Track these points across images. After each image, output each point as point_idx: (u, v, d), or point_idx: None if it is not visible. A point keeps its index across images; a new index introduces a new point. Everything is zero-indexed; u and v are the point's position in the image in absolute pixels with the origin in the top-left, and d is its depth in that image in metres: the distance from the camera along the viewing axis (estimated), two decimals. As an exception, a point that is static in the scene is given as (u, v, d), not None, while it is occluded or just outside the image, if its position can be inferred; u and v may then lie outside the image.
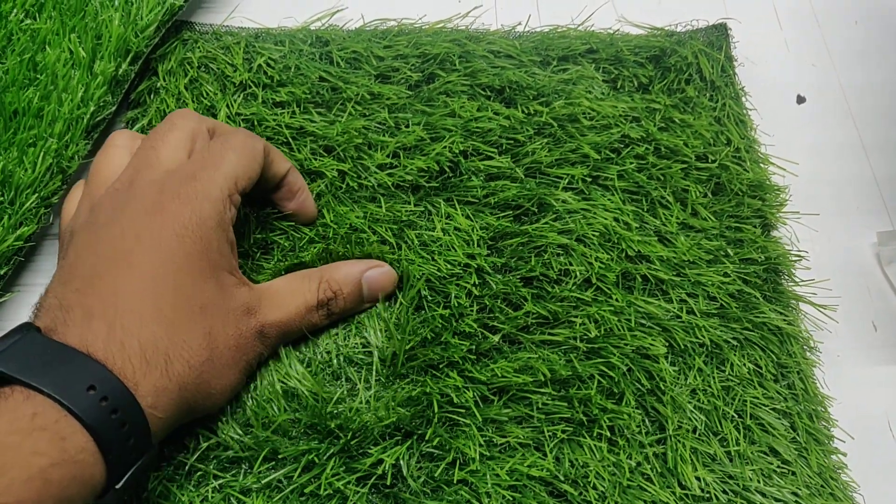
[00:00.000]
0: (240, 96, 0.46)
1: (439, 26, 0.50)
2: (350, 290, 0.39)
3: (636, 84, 0.49)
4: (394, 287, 0.40)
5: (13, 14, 0.44)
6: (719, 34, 0.52)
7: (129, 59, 0.45)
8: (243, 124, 0.45)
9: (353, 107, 0.46)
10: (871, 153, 0.51)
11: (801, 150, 0.50)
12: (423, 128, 0.45)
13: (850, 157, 0.51)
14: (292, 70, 0.47)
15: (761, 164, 0.48)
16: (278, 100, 0.45)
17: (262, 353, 0.36)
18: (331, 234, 0.41)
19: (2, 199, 0.40)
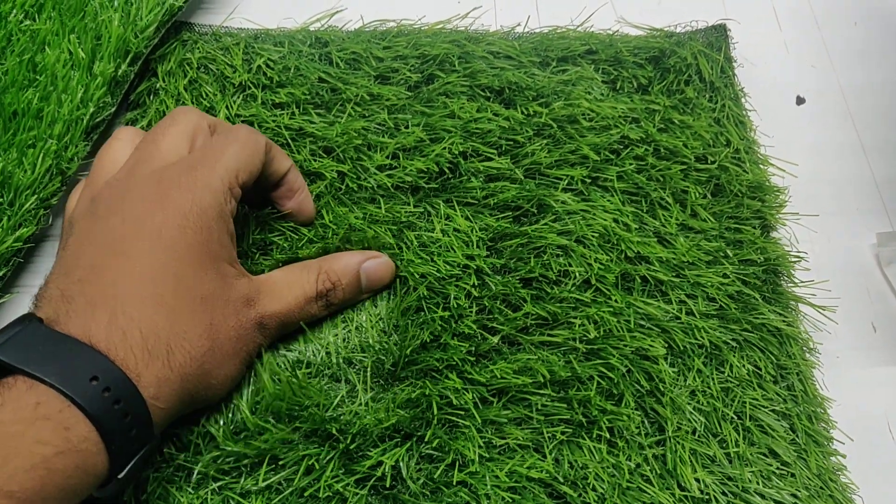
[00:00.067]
0: (239, 97, 0.46)
1: (439, 27, 0.50)
2: (349, 281, 0.39)
3: (635, 85, 0.49)
4: (392, 278, 0.40)
5: (13, 15, 0.44)
6: (719, 35, 0.52)
7: (128, 59, 0.45)
8: (243, 125, 0.45)
9: (352, 108, 0.46)
10: (871, 154, 0.51)
11: (801, 151, 0.50)
12: (423, 129, 0.45)
13: (850, 157, 0.51)
14: (292, 71, 0.47)
15: (761, 165, 0.48)
16: (278, 101, 0.45)
17: (261, 344, 0.37)
18: (330, 234, 0.41)
19: (1, 200, 0.40)
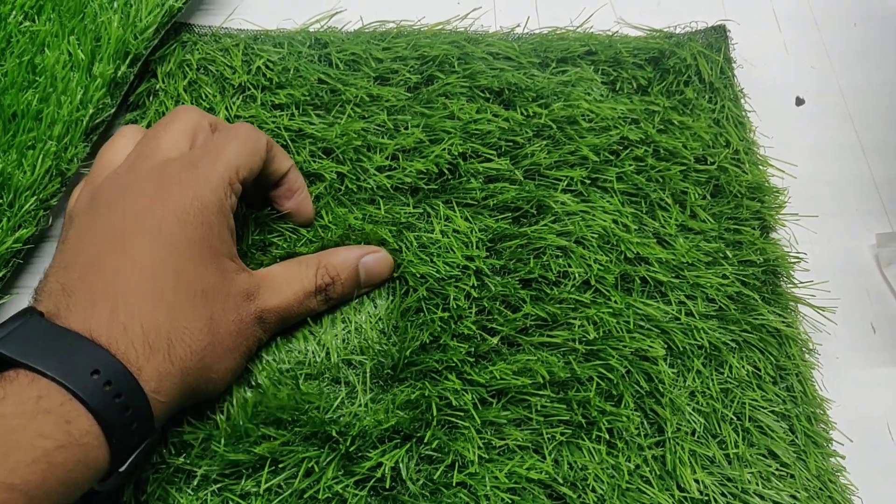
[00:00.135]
0: (238, 98, 0.46)
1: (438, 28, 0.50)
2: (347, 276, 0.39)
3: (635, 86, 0.49)
4: (391, 272, 0.41)
5: (12, 16, 0.44)
6: (718, 36, 0.52)
7: (128, 61, 0.45)
8: (242, 126, 0.45)
9: (352, 109, 0.46)
10: (871, 155, 0.51)
11: (800, 151, 0.50)
12: (422, 130, 0.45)
13: (850, 158, 0.51)
14: (291, 72, 0.47)
15: (760, 166, 0.48)
16: (277, 102, 0.46)
17: (261, 339, 0.37)
18: (329, 235, 0.41)
19: (1, 201, 0.40)
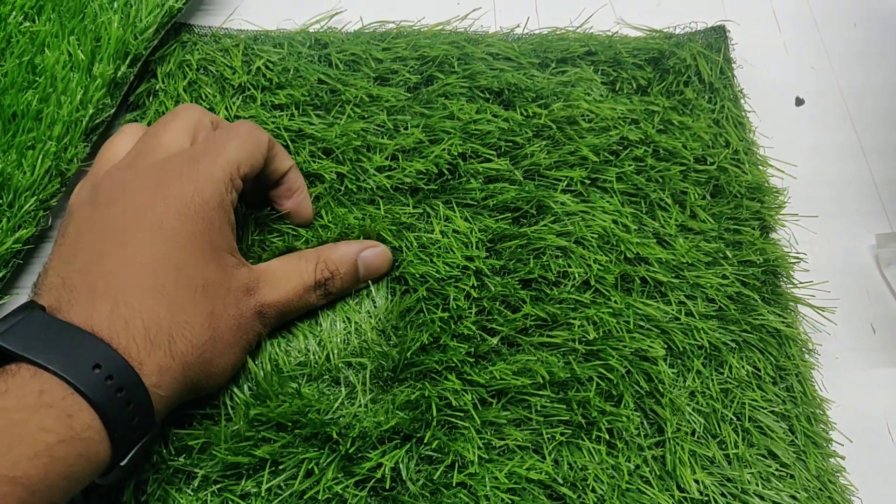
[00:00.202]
0: (238, 98, 0.46)
1: (438, 28, 0.51)
2: (347, 270, 0.39)
3: (635, 86, 0.49)
4: (390, 267, 0.41)
5: (12, 16, 0.44)
6: (718, 36, 0.52)
7: (128, 61, 0.45)
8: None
9: (351, 109, 0.46)
10: (870, 155, 0.51)
11: (800, 152, 0.50)
12: (422, 130, 0.45)
13: (849, 159, 0.51)
14: (291, 72, 0.47)
15: (760, 167, 0.48)
16: (277, 102, 0.46)
17: (261, 333, 0.37)
18: (328, 234, 0.41)
19: (1, 201, 0.40)
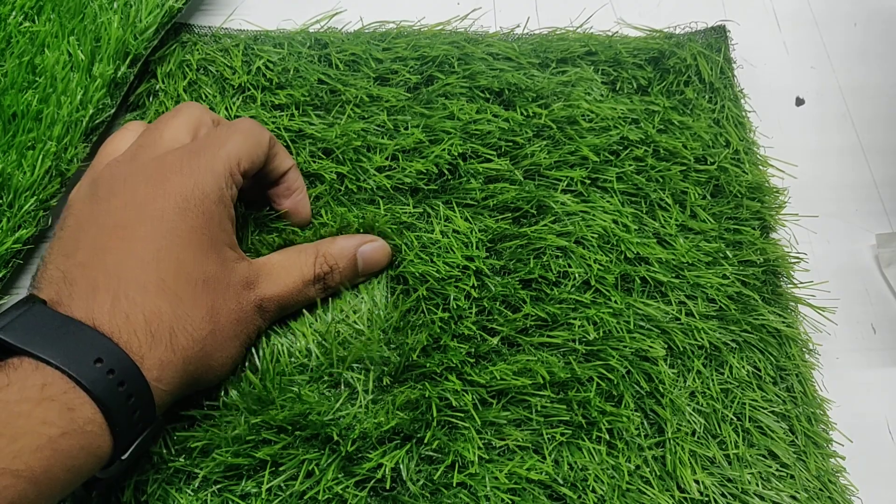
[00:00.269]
0: (238, 99, 0.46)
1: (438, 28, 0.51)
2: (346, 265, 0.39)
3: (635, 86, 0.49)
4: (388, 262, 0.41)
5: (12, 17, 0.44)
6: (718, 36, 0.52)
7: (128, 61, 0.45)
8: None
9: (351, 109, 0.46)
10: (870, 155, 0.51)
11: (800, 152, 0.50)
12: (422, 130, 0.45)
13: (849, 159, 0.51)
14: (291, 72, 0.47)
15: (760, 167, 0.48)
16: (277, 102, 0.46)
17: (260, 327, 0.37)
18: (327, 233, 0.41)
19: (1, 201, 0.40)
